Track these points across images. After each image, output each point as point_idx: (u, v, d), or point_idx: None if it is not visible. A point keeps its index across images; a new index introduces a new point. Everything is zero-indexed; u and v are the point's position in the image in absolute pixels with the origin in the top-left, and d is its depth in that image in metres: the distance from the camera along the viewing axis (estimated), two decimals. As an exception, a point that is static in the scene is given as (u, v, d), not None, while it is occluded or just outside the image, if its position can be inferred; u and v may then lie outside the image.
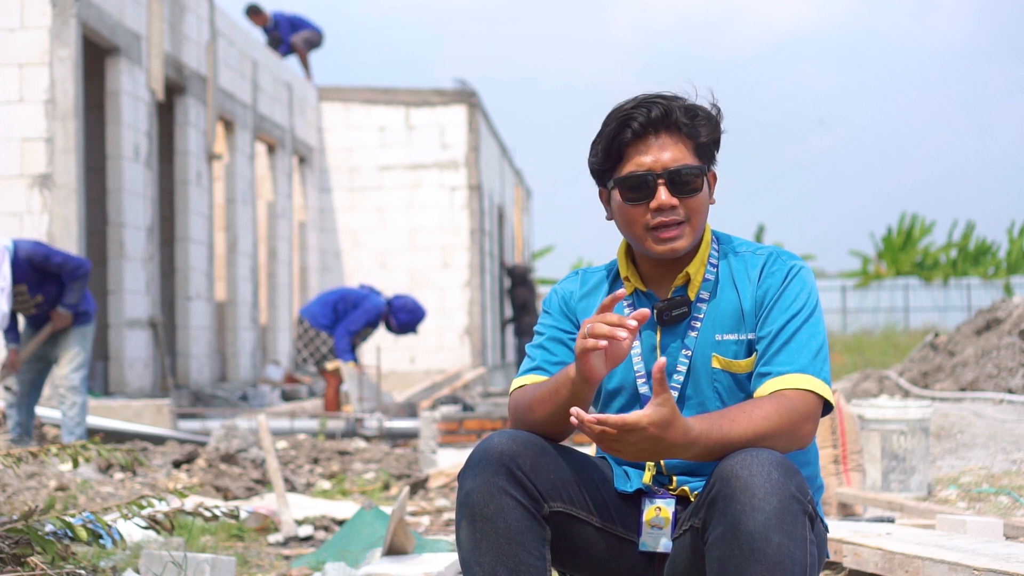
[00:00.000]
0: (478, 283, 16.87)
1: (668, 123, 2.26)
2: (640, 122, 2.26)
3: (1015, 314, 9.50)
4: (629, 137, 2.27)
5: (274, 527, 5.08)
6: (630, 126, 2.26)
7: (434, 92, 16.90)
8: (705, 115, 2.29)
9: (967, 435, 6.92)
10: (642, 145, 2.27)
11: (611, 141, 2.29)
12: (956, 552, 3.11)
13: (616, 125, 2.28)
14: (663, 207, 2.25)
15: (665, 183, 2.25)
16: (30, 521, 3.26)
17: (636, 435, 2.03)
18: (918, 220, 36.29)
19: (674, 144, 2.26)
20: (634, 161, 2.27)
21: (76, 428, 7.11)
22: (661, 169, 2.25)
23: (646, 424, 2.02)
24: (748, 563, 2.00)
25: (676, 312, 2.31)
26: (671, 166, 2.25)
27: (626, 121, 2.27)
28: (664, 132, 2.27)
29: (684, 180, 2.26)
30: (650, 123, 2.26)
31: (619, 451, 2.06)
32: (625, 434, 2.03)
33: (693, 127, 2.27)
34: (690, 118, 2.27)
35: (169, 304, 12.91)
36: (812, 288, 2.29)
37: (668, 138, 2.27)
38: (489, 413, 7.54)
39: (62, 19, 9.57)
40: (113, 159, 10.50)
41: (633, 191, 2.27)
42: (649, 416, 2.03)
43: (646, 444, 2.05)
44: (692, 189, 2.26)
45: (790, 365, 2.21)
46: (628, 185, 2.27)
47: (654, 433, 2.03)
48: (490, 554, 2.14)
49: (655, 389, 2.03)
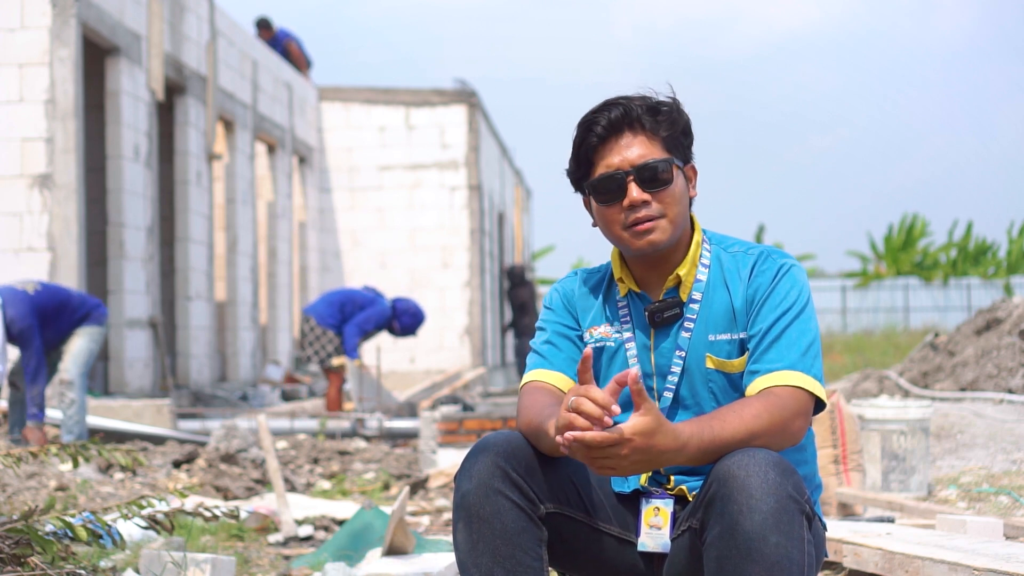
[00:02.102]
0: (478, 283, 16.88)
1: (630, 121, 2.29)
2: (603, 125, 2.29)
3: (1015, 314, 9.49)
4: (595, 142, 2.30)
5: (274, 527, 5.08)
6: (594, 131, 2.30)
7: (434, 92, 16.90)
8: (667, 109, 2.31)
9: (967, 435, 6.92)
10: (609, 147, 2.30)
11: (579, 148, 2.33)
12: (956, 552, 3.11)
13: (581, 131, 2.32)
14: (635, 203, 2.27)
15: (635, 179, 2.28)
16: (30, 521, 3.26)
17: (624, 448, 2.02)
18: (918, 220, 36.30)
19: (639, 141, 2.29)
20: (603, 164, 2.30)
21: (75, 427, 7.11)
22: (629, 167, 2.28)
23: (631, 435, 2.02)
24: (746, 563, 2.00)
25: (668, 313, 2.32)
26: (638, 162, 2.28)
27: (589, 126, 2.31)
28: (628, 131, 2.30)
29: (653, 174, 2.28)
30: (612, 125, 2.29)
31: (613, 468, 2.05)
32: (612, 449, 2.02)
33: (656, 122, 2.30)
34: (652, 114, 2.30)
35: (169, 304, 12.91)
36: (803, 285, 2.30)
37: (632, 136, 2.30)
38: (489, 413, 7.54)
39: (62, 19, 9.58)
40: (113, 159, 10.50)
41: (605, 192, 2.30)
42: (633, 426, 2.02)
43: (637, 456, 2.04)
44: (662, 182, 2.28)
45: (779, 362, 2.22)
46: (600, 188, 2.30)
47: (642, 443, 2.03)
48: (487, 555, 2.15)
49: (635, 400, 2.02)
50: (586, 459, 2.05)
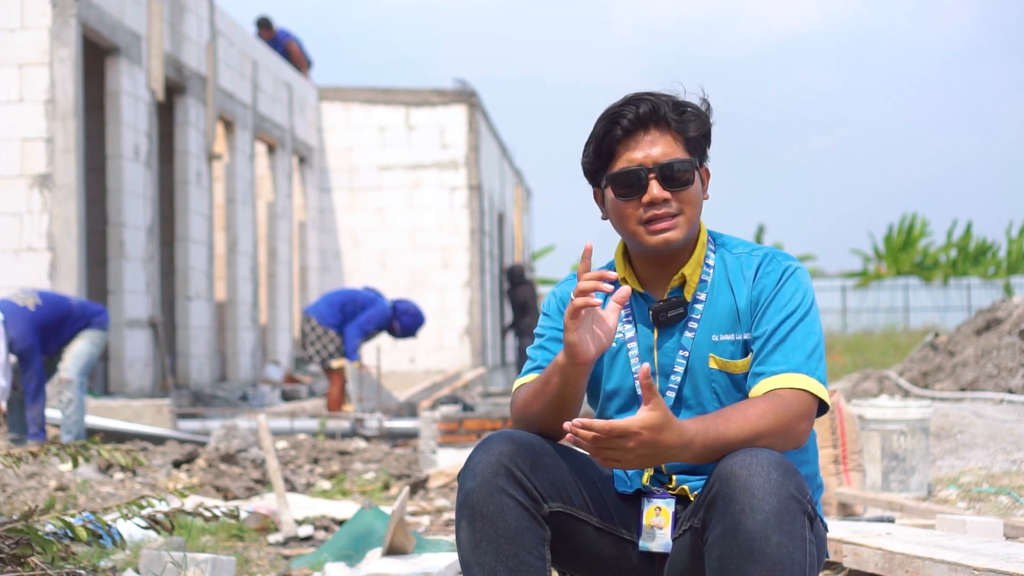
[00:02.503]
0: (478, 283, 16.87)
1: (657, 118, 2.28)
2: (629, 119, 2.28)
3: (1015, 314, 9.49)
4: (619, 134, 2.29)
5: (274, 527, 5.08)
6: (619, 124, 2.28)
7: (434, 92, 16.90)
8: (694, 110, 2.31)
9: (967, 435, 6.92)
10: (632, 142, 2.29)
11: (601, 140, 2.31)
12: (956, 552, 3.10)
13: (606, 123, 2.30)
14: (655, 201, 2.27)
15: (656, 177, 2.27)
16: (30, 521, 3.26)
17: (631, 441, 2.03)
18: (918, 220, 36.29)
19: (664, 139, 2.28)
20: (625, 158, 2.29)
21: (74, 427, 7.11)
22: (652, 164, 2.27)
23: (638, 428, 2.03)
24: (747, 563, 2.00)
25: (672, 313, 2.32)
26: (661, 160, 2.27)
27: (615, 119, 2.29)
28: (653, 128, 2.28)
29: (675, 174, 2.27)
30: (639, 119, 2.28)
31: (618, 460, 2.06)
32: (618, 440, 2.03)
33: (682, 122, 2.29)
34: (679, 113, 2.29)
35: (169, 304, 12.91)
36: (808, 288, 2.30)
37: (657, 133, 2.28)
38: (489, 413, 7.54)
39: (62, 19, 9.57)
40: (113, 159, 10.50)
41: (625, 187, 2.29)
42: (641, 420, 2.03)
43: (643, 450, 2.04)
44: (683, 182, 2.28)
45: (784, 365, 2.22)
46: (620, 181, 2.29)
47: (649, 437, 2.03)
48: (490, 554, 2.15)
49: (644, 395, 2.04)
50: (591, 449, 2.05)
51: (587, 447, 2.06)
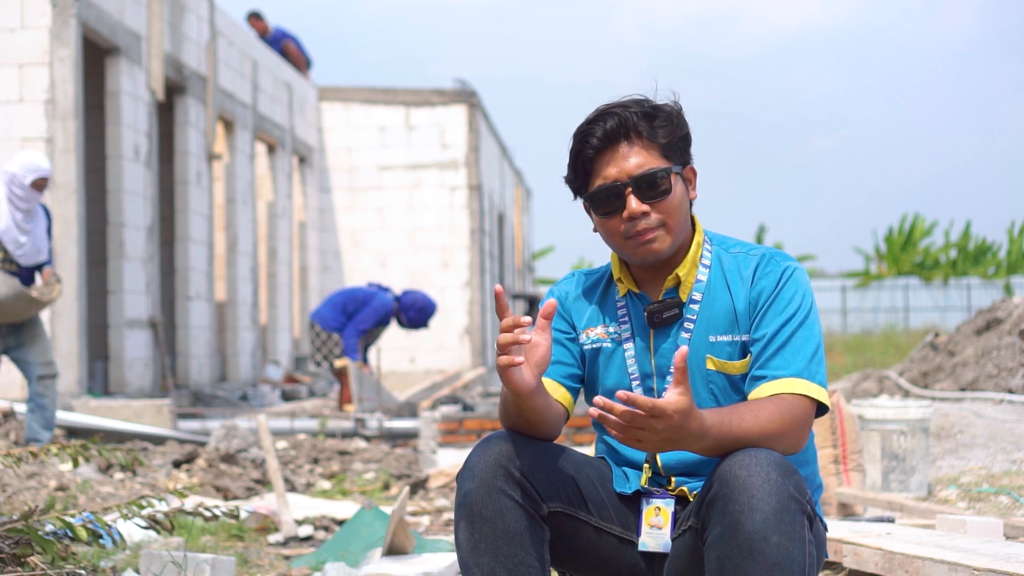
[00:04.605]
0: (478, 283, 16.87)
1: (626, 131, 2.26)
2: (598, 136, 2.26)
3: (1015, 314, 9.49)
4: (591, 153, 2.27)
5: (274, 527, 5.07)
6: (589, 142, 2.27)
7: (434, 92, 16.90)
8: (665, 115, 2.28)
9: (967, 435, 6.91)
10: (606, 157, 2.27)
11: (576, 158, 2.30)
12: (956, 552, 3.10)
13: (577, 142, 2.29)
14: (634, 215, 2.25)
15: (633, 191, 2.25)
16: (30, 521, 3.26)
17: (661, 422, 2.01)
18: (919, 220, 36.28)
19: (637, 151, 2.26)
20: (601, 175, 2.27)
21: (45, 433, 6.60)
22: (627, 178, 2.25)
23: (671, 411, 2.01)
24: (747, 563, 2.00)
25: (667, 314, 2.31)
26: (636, 173, 2.25)
27: (584, 137, 2.28)
28: (624, 141, 2.26)
29: (652, 185, 2.25)
30: (607, 136, 2.26)
31: (641, 440, 2.04)
32: (652, 420, 2.01)
33: (652, 129, 2.27)
34: (648, 121, 2.27)
35: (169, 304, 12.91)
36: (807, 290, 2.29)
37: (629, 146, 2.26)
38: (489, 413, 7.54)
39: (62, 19, 9.57)
40: (113, 159, 10.50)
41: (604, 204, 2.27)
42: (675, 403, 2.01)
43: (669, 432, 2.03)
44: (661, 192, 2.26)
45: (786, 369, 2.21)
46: (598, 199, 2.28)
47: (677, 421, 2.02)
48: (489, 555, 2.15)
49: (676, 378, 2.01)
50: (619, 426, 2.02)
51: (614, 423, 2.02)
